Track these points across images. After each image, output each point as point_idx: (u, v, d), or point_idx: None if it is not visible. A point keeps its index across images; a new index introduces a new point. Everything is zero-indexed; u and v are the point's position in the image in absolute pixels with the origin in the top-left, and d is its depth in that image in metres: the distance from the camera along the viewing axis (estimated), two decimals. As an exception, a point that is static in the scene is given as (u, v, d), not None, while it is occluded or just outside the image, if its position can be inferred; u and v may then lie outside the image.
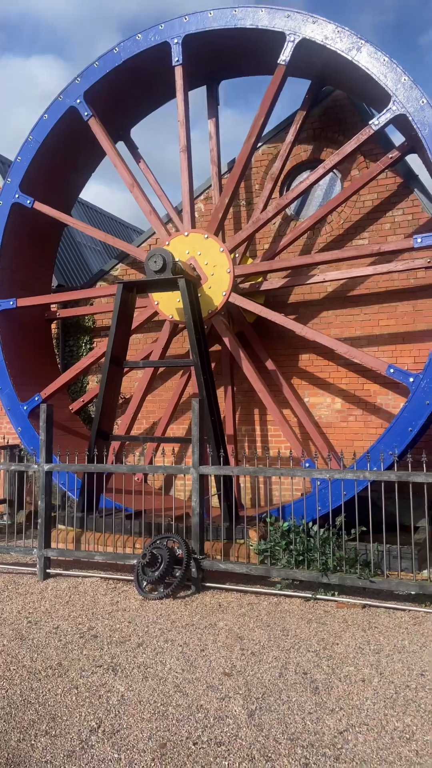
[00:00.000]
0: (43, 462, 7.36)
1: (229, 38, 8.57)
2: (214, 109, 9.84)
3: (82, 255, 13.39)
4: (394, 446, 7.21)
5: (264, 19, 8.10)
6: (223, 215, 8.63)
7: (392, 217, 9.22)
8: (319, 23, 7.86)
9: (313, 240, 9.69)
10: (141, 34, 8.89)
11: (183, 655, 4.82)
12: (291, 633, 5.23)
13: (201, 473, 6.68)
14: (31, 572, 7.52)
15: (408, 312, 9.03)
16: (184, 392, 9.88)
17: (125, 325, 8.03)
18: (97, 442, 7.83)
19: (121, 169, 9.19)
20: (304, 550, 6.17)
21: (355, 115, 9.49)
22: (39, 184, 9.78)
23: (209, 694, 4.15)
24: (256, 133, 8.42)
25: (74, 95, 9.26)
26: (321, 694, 4.14)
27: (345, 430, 9.41)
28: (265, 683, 4.30)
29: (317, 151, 9.79)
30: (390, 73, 7.48)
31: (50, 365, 10.90)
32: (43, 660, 4.80)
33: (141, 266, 10.79)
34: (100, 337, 11.23)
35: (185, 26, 8.59)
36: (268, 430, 9.96)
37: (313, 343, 9.39)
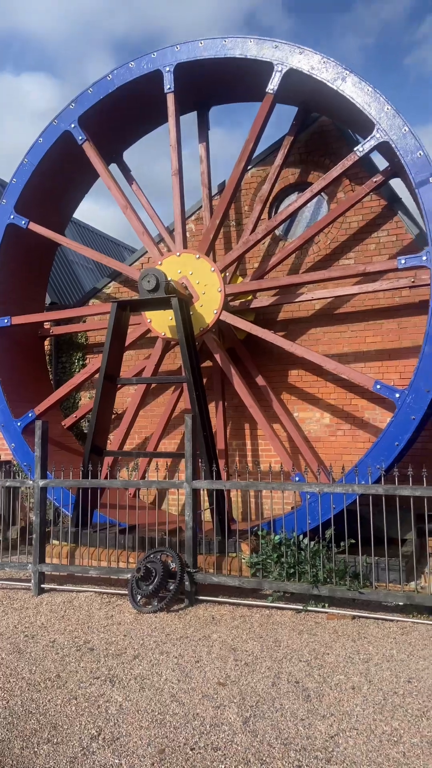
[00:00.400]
0: (38, 478, 7.49)
1: (219, 67, 8.88)
2: (205, 133, 10.14)
3: (75, 272, 13.59)
4: (381, 460, 7.44)
5: (253, 49, 8.41)
6: (214, 236, 8.88)
7: (377, 238, 9.52)
8: (305, 54, 8.18)
9: (301, 259, 9.96)
10: (134, 62, 9.18)
11: (178, 666, 4.96)
12: (283, 644, 5.39)
13: (194, 487, 6.85)
14: (26, 587, 7.62)
15: (393, 329, 9.30)
16: (176, 407, 10.08)
17: (119, 343, 8.22)
18: (91, 457, 7.98)
19: (114, 191, 9.43)
20: (295, 562, 6.34)
21: (341, 140, 9.81)
22: (34, 205, 10.00)
23: (205, 703, 4.30)
24: (245, 158, 8.70)
25: (69, 120, 9.51)
26: (313, 701, 4.30)
27: (334, 444, 9.63)
28: (259, 692, 4.45)
29: (304, 174, 10.10)
30: (374, 102, 7.79)
31: (43, 381, 11.05)
32: (41, 672, 4.93)
33: (133, 284, 11.02)
34: (92, 354, 11.41)
35: (177, 55, 8.89)
36: (258, 444, 10.15)
37: (302, 359, 9.63)
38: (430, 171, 7.46)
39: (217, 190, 10.48)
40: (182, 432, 10.71)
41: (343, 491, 6.63)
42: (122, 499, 9.61)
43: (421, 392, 7.32)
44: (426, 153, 7.53)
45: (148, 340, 10.22)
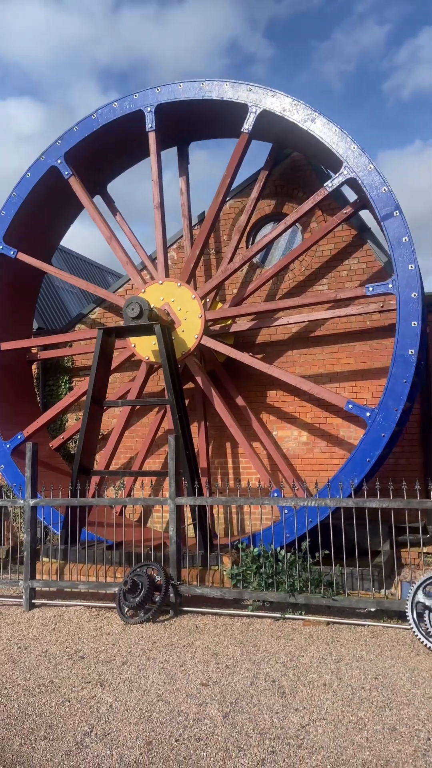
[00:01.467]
0: (29, 497, 7.84)
1: (197, 107, 9.46)
2: (185, 167, 10.69)
3: (60, 298, 14.03)
4: (354, 475, 7.92)
5: (228, 92, 9.00)
6: (194, 265, 9.39)
7: (348, 266, 10.09)
8: (277, 96, 8.78)
9: (278, 285, 10.50)
10: (117, 102, 9.73)
11: (164, 670, 5.33)
12: (262, 648, 5.78)
13: (177, 504, 7.25)
14: (16, 603, 7.93)
15: (365, 351, 9.84)
16: (160, 428, 10.50)
17: (105, 367, 8.64)
18: (79, 477, 8.35)
19: (99, 223, 9.92)
20: (273, 573, 6.75)
21: (312, 174, 10.43)
22: (21, 236, 10.45)
23: (188, 701, 4.68)
24: (223, 192, 9.25)
25: (55, 156, 10.02)
26: (287, 697, 4.70)
27: (311, 461, 10.09)
28: (238, 690, 4.84)
29: (279, 206, 10.68)
30: (341, 141, 8.39)
31: (31, 404, 11.41)
32: (35, 679, 5.27)
33: (117, 310, 11.48)
34: (78, 377, 11.81)
35: (158, 96, 9.45)
36: (239, 462, 10.58)
37: (279, 380, 10.13)
38: (394, 205, 8.04)
39: (197, 221, 11.01)
40: (166, 451, 11.12)
41: (316, 505, 7.06)
42: (109, 517, 9.96)
43: (390, 411, 7.82)
44: (390, 189, 8.13)
45: (132, 364, 10.66)
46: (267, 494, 8.78)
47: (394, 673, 5.11)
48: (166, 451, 11.14)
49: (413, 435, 9.63)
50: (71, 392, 10.39)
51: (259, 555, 6.99)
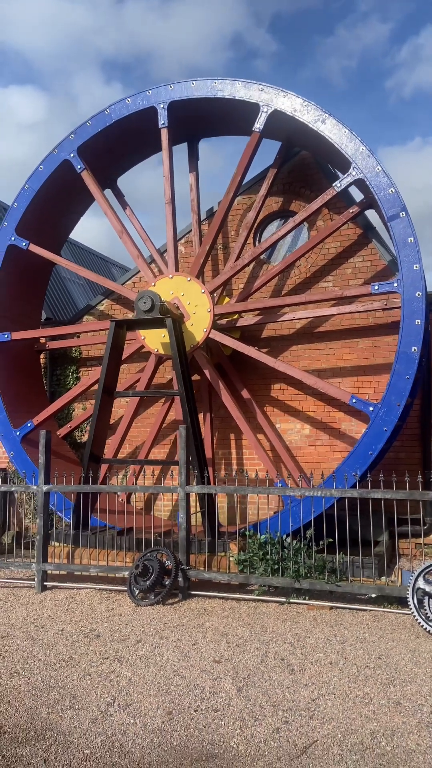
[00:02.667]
0: (42, 483, 8.08)
1: (209, 105, 9.65)
2: (194, 164, 10.89)
3: (67, 289, 14.22)
4: (356, 467, 8.19)
5: (241, 91, 9.19)
6: (204, 260, 9.61)
7: (353, 264, 10.34)
8: (289, 97, 8.98)
9: (284, 282, 10.73)
10: (130, 98, 9.91)
11: (177, 648, 5.61)
12: (269, 629, 6.07)
13: (187, 491, 7.51)
14: (28, 585, 8.20)
15: (368, 347, 10.10)
16: (166, 418, 10.73)
17: (116, 358, 8.87)
18: (90, 464, 8.59)
19: (110, 217, 10.12)
20: (278, 559, 7.03)
21: (320, 173, 10.64)
22: (33, 228, 10.64)
23: (203, 677, 4.95)
24: (233, 189, 9.46)
25: (68, 150, 10.19)
26: (296, 673, 4.99)
27: (313, 454, 10.37)
28: (250, 667, 5.12)
29: (287, 203, 10.89)
30: (350, 143, 8.61)
31: (39, 393, 11.63)
32: (55, 655, 5.53)
33: (125, 302, 11.70)
34: (86, 367, 12.03)
35: (170, 93, 9.64)
36: (243, 453, 10.85)
37: (283, 374, 10.39)
38: (401, 206, 8.29)
39: (206, 216, 11.22)
40: (171, 441, 11.41)
41: (322, 495, 7.36)
42: (115, 504, 10.23)
43: (392, 406, 8.09)
44: (397, 190, 8.37)
45: (140, 355, 10.89)
46: (272, 484, 9.05)
47: (396, 653, 5.40)
48: (171, 441, 11.45)
49: (413, 430, 9.90)
50: (80, 382, 10.62)
51: (266, 542, 7.27)
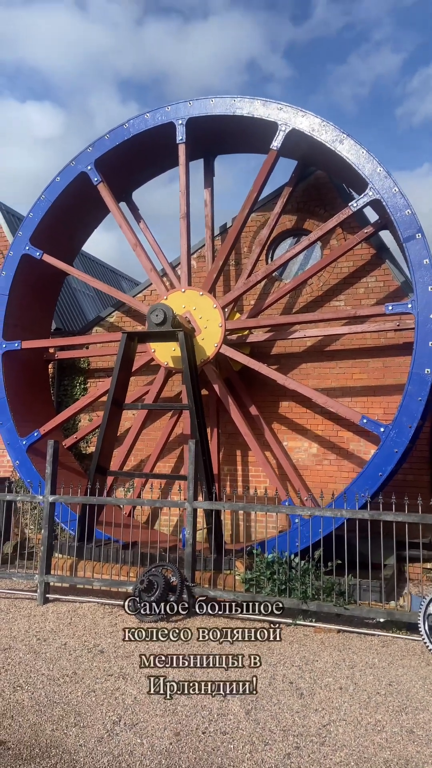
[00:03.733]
0: (48, 493, 8.01)
1: (227, 122, 9.72)
2: (210, 180, 10.94)
3: (78, 300, 14.24)
4: (366, 488, 8.11)
5: (260, 109, 9.25)
6: (217, 276, 9.63)
7: (366, 283, 10.33)
8: (307, 116, 9.04)
9: (295, 299, 10.73)
10: (149, 114, 9.98)
11: (183, 669, 5.49)
12: (276, 651, 5.96)
13: (195, 507, 7.43)
14: (29, 597, 8.08)
15: (378, 368, 10.06)
16: (172, 432, 10.67)
17: (126, 371, 8.84)
18: (96, 476, 8.52)
19: (125, 229, 10.15)
20: (286, 579, 6.93)
21: (334, 193, 10.68)
22: (47, 238, 10.67)
23: (210, 697, 4.85)
24: (249, 206, 9.50)
25: (86, 162, 10.25)
26: (306, 698, 4.88)
27: (320, 473, 10.29)
28: (258, 690, 5.01)
29: (300, 222, 10.93)
30: (367, 164, 8.65)
31: (46, 403, 11.59)
32: (58, 670, 5.43)
33: (135, 314, 11.70)
34: (93, 378, 12.00)
35: (189, 110, 9.71)
36: (249, 470, 10.77)
37: (292, 391, 10.34)
38: (417, 227, 8.30)
39: (219, 231, 11.25)
40: (177, 455, 11.33)
41: (332, 515, 7.28)
42: (118, 517, 10.12)
43: (404, 427, 8.03)
44: (413, 211, 8.38)
45: (149, 368, 10.84)
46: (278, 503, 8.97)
47: (407, 680, 5.29)
48: (177, 455, 11.37)
49: (422, 452, 9.82)
50: (88, 393, 10.59)
51: (273, 561, 7.16)
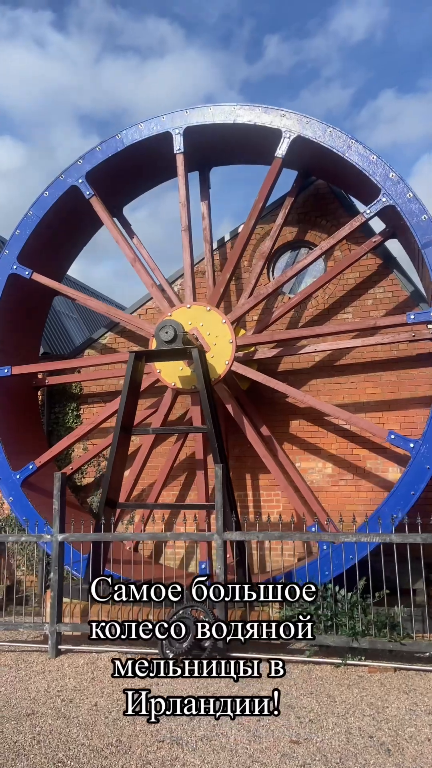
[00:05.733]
0: (57, 532, 7.26)
1: (226, 131, 9.30)
2: (206, 192, 10.49)
3: (63, 323, 13.54)
4: (397, 510, 7.61)
5: (262, 116, 8.87)
6: (224, 289, 9.11)
7: (374, 294, 9.96)
8: (312, 123, 8.69)
9: (300, 313, 10.28)
10: (143, 124, 9.50)
11: (241, 725, 4.82)
12: (338, 699, 5.33)
13: (225, 539, 6.79)
14: (37, 649, 7.27)
15: (392, 381, 9.64)
16: (177, 459, 10.00)
17: (134, 393, 8.19)
18: (107, 510, 7.80)
19: (122, 245, 9.58)
20: (332, 615, 6.32)
21: (336, 202, 10.34)
22: (36, 256, 10.01)
23: (287, 763, 4.19)
24: (255, 216, 9.05)
25: (76, 175, 9.68)
26: (395, 755, 4.26)
27: (336, 494, 9.75)
28: (338, 749, 4.37)
29: (301, 233, 10.54)
30: (378, 169, 8.32)
31: (36, 432, 10.82)
32: (99, 738, 4.68)
33: (130, 335, 11.08)
34: (87, 404, 11.28)
35: (187, 118, 9.27)
36: (260, 495, 10.16)
37: (303, 409, 9.85)
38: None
39: (217, 245, 10.78)
40: (180, 482, 10.65)
41: (367, 540, 6.72)
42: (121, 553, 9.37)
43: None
44: (430, 216, 8.05)
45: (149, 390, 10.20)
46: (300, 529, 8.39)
47: None
48: (181, 483, 10.69)
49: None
50: (88, 420, 9.87)
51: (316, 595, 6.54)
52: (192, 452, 10.39)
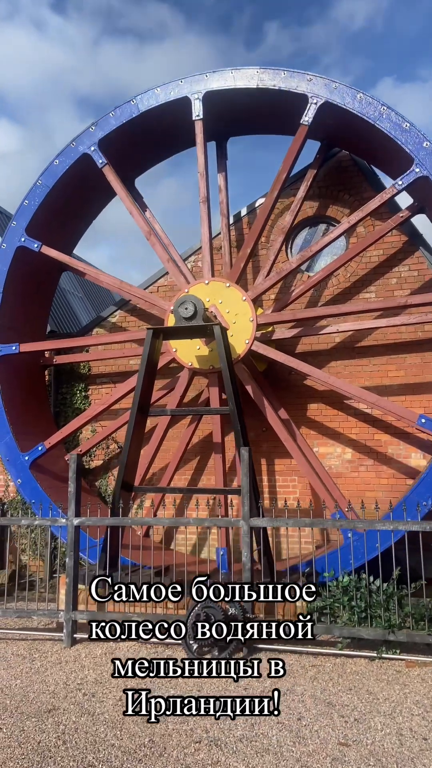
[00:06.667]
0: (72, 516, 6.87)
1: (248, 97, 8.80)
2: (223, 164, 10.00)
3: (69, 302, 13.08)
4: (428, 496, 7.28)
5: (288, 81, 8.38)
6: (245, 264, 8.69)
7: (398, 273, 9.55)
8: (340, 88, 8.22)
9: (320, 292, 9.87)
10: (160, 88, 8.99)
11: (281, 725, 4.49)
12: (380, 696, 5.00)
13: (252, 525, 6.43)
14: (51, 638, 6.92)
15: (416, 364, 9.27)
16: (191, 442, 9.62)
17: (151, 372, 7.78)
18: (122, 494, 7.43)
19: (137, 217, 9.12)
20: (366, 606, 5.98)
21: (360, 176, 9.88)
22: (45, 228, 9.54)
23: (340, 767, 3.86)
24: (279, 187, 8.60)
25: (88, 143, 9.18)
26: (455, 760, 3.94)
27: (356, 480, 9.40)
28: (391, 752, 4.04)
29: (322, 208, 10.08)
30: (412, 137, 7.87)
31: (44, 413, 10.40)
32: (129, 737, 4.34)
33: (141, 313, 10.64)
34: (95, 385, 10.86)
35: (207, 83, 8.77)
36: (276, 480, 9.81)
37: (322, 392, 9.47)
38: (471, 207, 7.55)
39: (233, 220, 10.32)
40: (193, 467, 10.28)
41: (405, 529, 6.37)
42: (134, 539, 9.01)
43: (468, 426, 7.23)
44: (466, 189, 7.64)
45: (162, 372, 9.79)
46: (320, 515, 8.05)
47: None
48: (193, 467, 10.32)
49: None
50: (102, 400, 9.45)
51: (349, 585, 6.21)
52: (204, 435, 10.03)
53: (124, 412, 9.56)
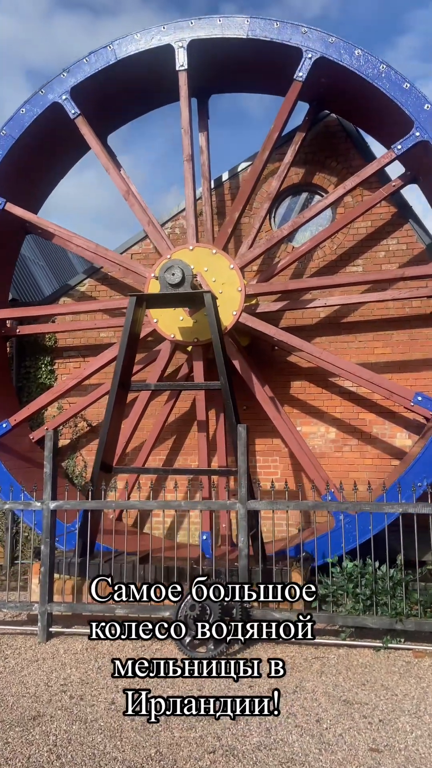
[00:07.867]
0: (48, 499, 6.23)
1: (236, 49, 8.16)
2: (205, 122, 9.32)
3: (30, 270, 12.18)
4: (423, 477, 6.98)
5: (281, 32, 7.79)
6: (232, 230, 8.12)
7: (386, 246, 9.16)
8: (336, 43, 7.69)
9: (305, 264, 9.40)
10: (140, 34, 8.24)
11: (301, 729, 4.05)
12: (399, 692, 4.63)
13: (250, 509, 5.96)
14: (22, 632, 6.30)
15: (404, 341, 8.95)
16: (167, 420, 9.06)
17: (133, 344, 7.14)
18: (101, 475, 6.82)
19: (113, 174, 8.40)
20: (372, 593, 5.61)
21: (348, 142, 9.40)
22: (10, 184, 8.68)
23: (376, 780, 3.45)
24: (270, 147, 8.05)
25: (59, 90, 8.36)
26: None
27: (340, 461, 9.07)
28: (429, 757, 3.66)
29: (308, 175, 9.57)
30: (412, 99, 7.44)
31: (4, 387, 9.57)
32: (133, 749, 3.82)
33: (112, 282, 9.94)
34: (62, 358, 10.11)
35: (192, 31, 8.07)
36: (257, 461, 9.37)
37: (306, 369, 9.06)
38: (474, 175, 7.19)
39: (214, 184, 9.70)
40: (169, 446, 9.72)
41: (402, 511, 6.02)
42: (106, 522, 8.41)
43: (465, 405, 6.94)
44: (469, 155, 7.27)
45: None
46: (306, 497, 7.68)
47: None
48: (169, 447, 9.76)
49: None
50: (74, 373, 8.76)
51: (354, 572, 5.82)
52: (181, 414, 9.48)
53: (93, 388, 8.90)
